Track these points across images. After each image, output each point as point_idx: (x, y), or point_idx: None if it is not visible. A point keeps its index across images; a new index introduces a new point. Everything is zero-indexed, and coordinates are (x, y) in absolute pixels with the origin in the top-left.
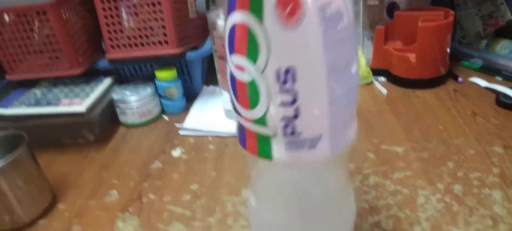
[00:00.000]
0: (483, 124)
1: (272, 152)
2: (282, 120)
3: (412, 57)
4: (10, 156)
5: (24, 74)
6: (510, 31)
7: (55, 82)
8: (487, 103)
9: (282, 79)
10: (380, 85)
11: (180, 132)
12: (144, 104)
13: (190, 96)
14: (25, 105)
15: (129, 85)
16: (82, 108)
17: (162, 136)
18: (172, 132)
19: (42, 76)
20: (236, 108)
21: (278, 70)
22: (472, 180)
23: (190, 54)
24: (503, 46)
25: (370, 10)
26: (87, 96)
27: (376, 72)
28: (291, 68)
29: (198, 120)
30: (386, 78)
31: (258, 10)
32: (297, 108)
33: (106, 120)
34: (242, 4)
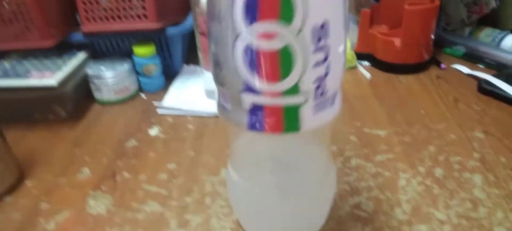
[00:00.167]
0: (465, 110)
1: (300, 122)
2: (316, 81)
3: (396, 41)
4: None
5: None
6: (493, 19)
7: (26, 55)
8: (469, 90)
9: (317, 37)
10: (364, 69)
11: (158, 111)
12: (120, 80)
13: (170, 74)
14: None
15: (105, 60)
16: (53, 81)
17: (139, 114)
18: (149, 110)
19: (12, 48)
20: (253, 87)
21: (315, 27)
22: (453, 164)
23: (170, 30)
24: (487, 34)
25: None
26: (59, 69)
27: (360, 56)
28: (325, 22)
29: (177, 99)
30: (370, 63)
31: None
32: (328, 65)
33: (80, 96)
34: None
